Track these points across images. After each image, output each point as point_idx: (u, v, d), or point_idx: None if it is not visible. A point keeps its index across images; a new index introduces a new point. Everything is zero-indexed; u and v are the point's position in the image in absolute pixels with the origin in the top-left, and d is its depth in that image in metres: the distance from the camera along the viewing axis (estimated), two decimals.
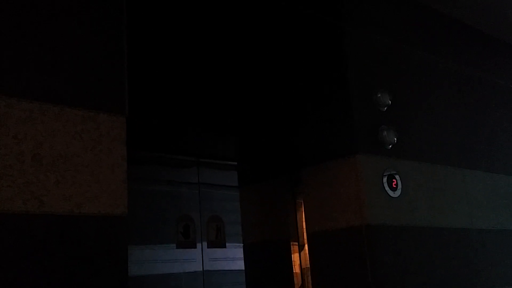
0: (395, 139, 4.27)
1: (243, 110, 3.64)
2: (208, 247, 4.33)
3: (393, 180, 4.22)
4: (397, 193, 4.22)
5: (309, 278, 4.42)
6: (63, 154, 2.60)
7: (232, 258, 4.61)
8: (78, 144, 2.66)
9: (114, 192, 2.73)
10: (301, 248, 4.75)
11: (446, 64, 5.21)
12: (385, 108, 4.35)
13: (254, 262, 4.85)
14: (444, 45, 5.28)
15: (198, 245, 4.24)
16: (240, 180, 5.10)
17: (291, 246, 4.74)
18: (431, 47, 5.10)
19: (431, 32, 5.19)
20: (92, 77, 2.80)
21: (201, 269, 4.23)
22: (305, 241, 4.56)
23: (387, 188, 4.16)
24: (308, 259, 4.38)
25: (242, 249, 4.87)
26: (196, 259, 4.18)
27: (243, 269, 4.75)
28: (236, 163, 4.93)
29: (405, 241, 4.19)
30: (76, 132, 2.67)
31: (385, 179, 4.16)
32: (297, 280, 4.63)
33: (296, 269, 4.69)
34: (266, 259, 4.85)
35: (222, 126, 3.60)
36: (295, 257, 4.72)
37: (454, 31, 5.48)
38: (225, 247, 4.49)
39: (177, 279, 4.12)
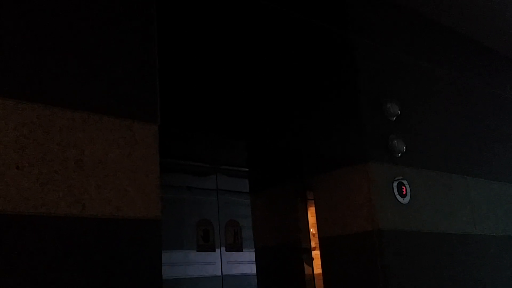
0: (404, 147, 4.44)
1: (256, 118, 3.77)
2: (226, 251, 4.47)
3: (403, 187, 4.38)
4: (406, 199, 4.38)
5: (321, 282, 4.54)
6: (102, 160, 2.74)
7: (248, 261, 4.75)
8: (116, 151, 2.80)
9: (149, 196, 2.87)
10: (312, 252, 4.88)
11: (451, 76, 5.40)
12: (394, 118, 4.52)
13: (265, 266, 4.97)
14: (449, 58, 5.47)
15: (217, 249, 4.39)
16: (252, 186, 5.22)
17: (303, 251, 4.87)
18: (437, 60, 5.29)
19: (436, 45, 5.37)
20: (127, 87, 2.95)
21: (220, 272, 4.37)
22: (317, 245, 4.69)
23: (397, 194, 4.31)
24: (320, 263, 4.52)
25: None
26: (215, 262, 4.32)
27: None
28: (247, 169, 5.06)
29: (414, 246, 4.34)
30: (114, 140, 2.81)
31: (395, 186, 4.32)
32: (309, 284, 4.75)
33: (308, 273, 4.81)
34: (277, 263, 4.98)
35: (235, 133, 3.73)
36: (307, 261, 4.85)
37: (459, 44, 5.67)
38: (242, 250, 4.63)
39: (198, 281, 4.26)
